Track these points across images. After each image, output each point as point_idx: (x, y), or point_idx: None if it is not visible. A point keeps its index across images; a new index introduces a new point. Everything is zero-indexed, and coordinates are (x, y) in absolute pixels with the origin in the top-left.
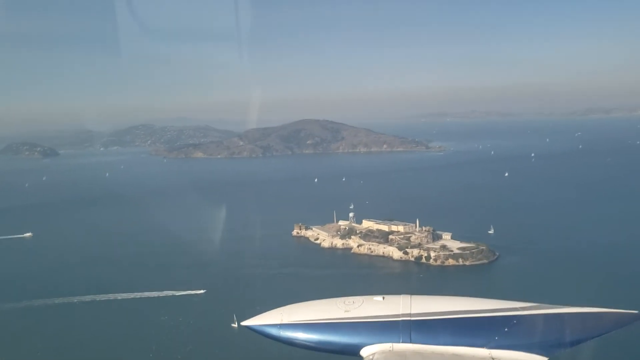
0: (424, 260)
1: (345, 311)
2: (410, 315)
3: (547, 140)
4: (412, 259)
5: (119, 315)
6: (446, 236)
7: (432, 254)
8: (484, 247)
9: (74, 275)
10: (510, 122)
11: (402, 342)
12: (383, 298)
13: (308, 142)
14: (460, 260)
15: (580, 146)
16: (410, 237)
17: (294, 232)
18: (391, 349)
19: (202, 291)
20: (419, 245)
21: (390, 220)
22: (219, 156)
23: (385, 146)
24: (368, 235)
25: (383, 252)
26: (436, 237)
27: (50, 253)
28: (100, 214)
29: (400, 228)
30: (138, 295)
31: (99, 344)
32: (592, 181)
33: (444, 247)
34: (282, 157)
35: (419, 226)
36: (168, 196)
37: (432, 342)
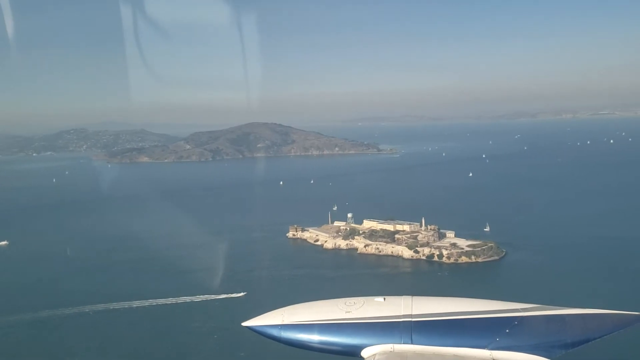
0: (436, 258)
1: (346, 312)
2: (411, 316)
3: (490, 142)
4: (424, 258)
5: (143, 323)
6: (450, 234)
7: (445, 252)
8: (492, 244)
9: (76, 283)
10: (444, 126)
11: (403, 343)
12: (384, 299)
13: (259, 145)
14: (472, 257)
15: (525, 147)
16: (417, 236)
17: (290, 234)
18: (392, 349)
19: (242, 294)
20: (427, 244)
21: (392, 219)
22: (165, 160)
23: (337, 149)
24: (373, 235)
25: (392, 252)
26: (441, 236)
27: (37, 261)
28: (71, 220)
29: (406, 227)
30: (171, 300)
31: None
32: (556, 179)
33: (454, 245)
34: (233, 161)
35: (424, 225)
36: (134, 202)
37: (433, 343)
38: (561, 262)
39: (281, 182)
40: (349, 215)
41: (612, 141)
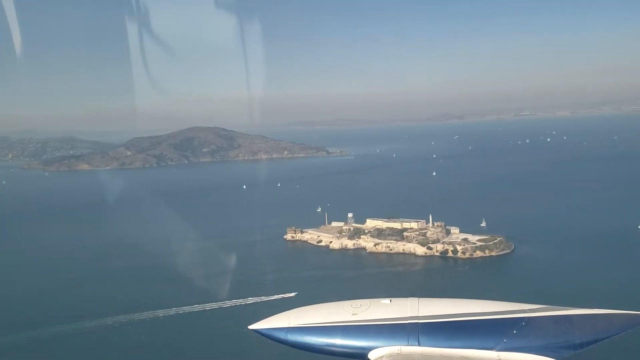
0: (450, 254)
1: (353, 314)
2: (418, 317)
3: (432, 143)
4: (437, 254)
5: (183, 332)
6: (454, 230)
7: (459, 247)
8: (501, 238)
9: (80, 294)
10: (379, 129)
11: (410, 345)
12: (390, 301)
13: (204, 150)
14: (486, 251)
15: (470, 147)
16: (425, 233)
17: (288, 237)
18: (399, 351)
19: (293, 294)
20: (437, 241)
21: (394, 218)
22: (107, 167)
23: (285, 152)
24: (381, 234)
25: (403, 250)
26: (447, 232)
27: (26, 272)
28: (37, 230)
29: (414, 225)
30: (197, 307)
31: None
32: (520, 176)
33: (465, 240)
34: (180, 167)
35: (432, 222)
36: (97, 210)
37: (440, 344)
38: (569, 253)
39: (244, 186)
40: (350, 215)
41: (549, 139)
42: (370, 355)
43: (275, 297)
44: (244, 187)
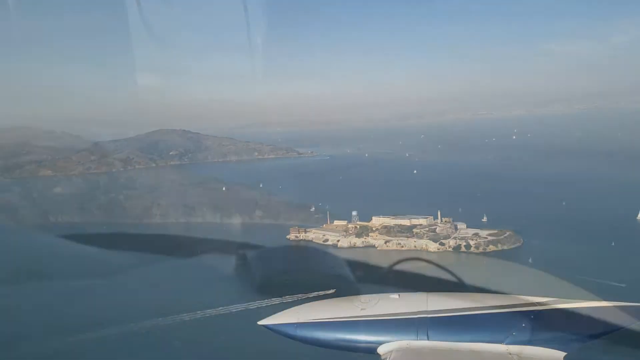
0: (463, 249)
1: (362, 309)
2: (426, 312)
3: (400, 142)
4: (450, 250)
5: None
6: (461, 226)
7: (472, 243)
8: (511, 232)
9: (86, 298)
10: (339, 129)
11: (419, 340)
12: (399, 296)
13: (171, 152)
14: (498, 245)
15: (439, 146)
16: (435, 229)
17: (291, 236)
18: (408, 346)
19: (332, 290)
20: (448, 236)
21: (397, 215)
22: (72, 173)
23: (256, 154)
24: (390, 231)
25: (415, 246)
26: (455, 228)
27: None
28: (19, 238)
29: (422, 221)
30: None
31: None
32: (502, 173)
33: (476, 235)
34: (149, 170)
35: (440, 218)
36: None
37: (449, 339)
38: (578, 245)
39: (224, 188)
40: (354, 213)
41: (514, 137)
42: (379, 349)
43: (315, 294)
44: (224, 188)
